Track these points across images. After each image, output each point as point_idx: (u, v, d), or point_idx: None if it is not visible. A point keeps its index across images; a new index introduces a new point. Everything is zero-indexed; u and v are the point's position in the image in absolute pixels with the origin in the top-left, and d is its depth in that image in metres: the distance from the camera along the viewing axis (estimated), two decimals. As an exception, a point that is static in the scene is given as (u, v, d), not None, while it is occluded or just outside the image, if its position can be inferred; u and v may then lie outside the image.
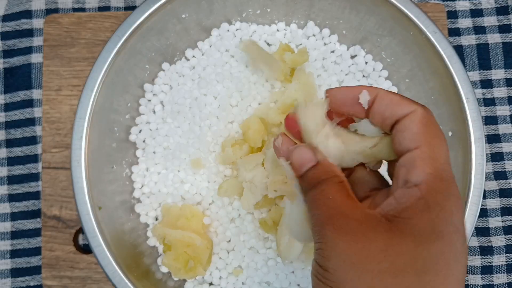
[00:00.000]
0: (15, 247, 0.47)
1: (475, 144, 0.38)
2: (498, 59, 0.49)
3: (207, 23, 0.45)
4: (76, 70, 0.47)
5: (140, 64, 0.44)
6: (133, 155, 0.45)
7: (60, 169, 0.46)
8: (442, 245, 0.21)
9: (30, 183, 0.47)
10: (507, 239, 0.46)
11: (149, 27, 0.41)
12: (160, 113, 0.45)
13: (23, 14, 0.49)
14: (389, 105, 0.24)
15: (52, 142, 0.46)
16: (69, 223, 0.45)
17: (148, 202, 0.44)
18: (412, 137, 0.23)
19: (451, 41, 0.49)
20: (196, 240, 0.40)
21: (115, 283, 0.38)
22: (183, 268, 0.40)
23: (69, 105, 0.47)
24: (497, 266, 0.46)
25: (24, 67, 0.48)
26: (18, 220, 0.47)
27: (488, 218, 0.47)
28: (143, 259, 0.43)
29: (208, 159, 0.44)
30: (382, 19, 0.42)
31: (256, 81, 0.45)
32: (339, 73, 0.46)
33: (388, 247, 0.21)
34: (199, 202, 0.44)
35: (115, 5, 0.50)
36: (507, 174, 0.47)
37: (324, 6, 0.44)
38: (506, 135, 0.48)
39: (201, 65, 0.46)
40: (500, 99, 0.49)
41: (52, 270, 0.45)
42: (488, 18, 0.49)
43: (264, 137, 0.42)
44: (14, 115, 0.48)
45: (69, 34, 0.47)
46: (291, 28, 0.47)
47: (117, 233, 0.41)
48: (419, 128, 0.23)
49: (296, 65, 0.43)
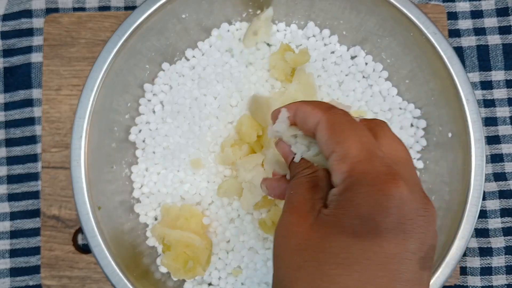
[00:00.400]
0: (14, 247, 0.47)
1: (474, 145, 0.38)
2: (498, 60, 0.49)
3: (207, 23, 0.45)
4: (76, 69, 0.47)
5: (140, 64, 0.44)
6: (133, 155, 0.45)
7: (60, 168, 0.46)
8: (345, 239, 0.22)
9: (29, 183, 0.47)
10: (507, 240, 0.46)
11: (149, 27, 0.41)
12: (160, 113, 0.45)
13: (23, 14, 0.49)
14: (304, 118, 0.26)
15: (51, 141, 0.46)
16: (68, 223, 0.45)
17: (148, 202, 0.44)
18: (325, 145, 0.24)
19: (451, 42, 0.49)
20: (196, 240, 0.40)
21: (114, 283, 0.38)
22: (182, 268, 0.40)
23: (69, 105, 0.47)
24: (496, 267, 0.46)
25: (24, 66, 0.48)
26: (18, 219, 0.47)
27: (488, 219, 0.47)
28: (142, 259, 0.43)
29: (208, 159, 0.44)
30: (382, 20, 0.42)
31: (256, 81, 0.45)
32: (339, 74, 0.46)
33: (312, 237, 0.23)
34: (198, 202, 0.44)
35: (115, 5, 0.50)
36: (506, 175, 0.47)
37: (324, 6, 0.44)
38: (505, 137, 0.48)
39: (201, 65, 0.46)
40: (500, 100, 0.49)
41: (51, 269, 0.45)
42: (488, 20, 0.49)
43: (258, 131, 0.42)
44: (13, 114, 0.48)
45: (69, 33, 0.47)
46: (291, 29, 0.47)
47: (117, 233, 0.41)
48: (327, 135, 0.24)
49: (297, 65, 0.43)
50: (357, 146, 0.23)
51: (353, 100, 0.45)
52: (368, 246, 0.21)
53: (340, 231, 0.22)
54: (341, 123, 0.24)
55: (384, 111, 0.45)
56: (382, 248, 0.21)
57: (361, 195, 0.22)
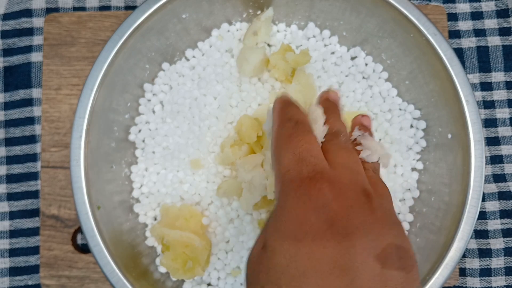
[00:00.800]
0: (14, 246, 0.47)
1: (474, 147, 0.38)
2: (498, 61, 0.49)
3: (208, 23, 0.45)
4: (76, 69, 0.47)
5: (140, 63, 0.44)
6: (132, 154, 0.45)
7: (59, 168, 0.46)
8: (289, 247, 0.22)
9: (29, 182, 0.47)
10: (506, 241, 0.46)
11: (149, 27, 0.41)
12: (159, 113, 0.45)
13: (23, 13, 0.49)
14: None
15: (51, 141, 0.46)
16: (67, 223, 0.45)
17: (147, 202, 0.44)
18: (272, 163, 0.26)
19: (451, 43, 0.49)
20: (195, 240, 0.40)
21: (113, 283, 0.38)
22: (182, 269, 0.40)
23: (68, 104, 0.47)
24: (495, 268, 0.46)
25: (24, 66, 0.48)
26: (17, 219, 0.47)
27: (487, 220, 0.47)
28: (141, 259, 0.43)
29: (207, 160, 0.44)
30: (382, 21, 0.42)
31: (256, 81, 0.45)
32: (339, 75, 0.46)
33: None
34: (198, 203, 0.44)
35: (116, 5, 0.50)
36: (506, 176, 0.47)
37: (324, 7, 0.44)
38: (505, 138, 0.48)
39: (201, 65, 0.46)
40: (500, 101, 0.49)
41: (50, 269, 0.45)
42: (488, 21, 0.49)
43: (258, 132, 0.42)
44: (13, 113, 0.48)
45: (69, 33, 0.47)
46: (292, 29, 0.47)
47: (116, 233, 0.41)
48: (272, 152, 0.26)
49: (298, 66, 0.43)
50: (289, 157, 0.24)
51: (353, 101, 0.45)
52: (312, 250, 0.21)
53: (283, 238, 0.22)
54: (281, 138, 0.26)
55: (384, 112, 0.45)
56: (325, 250, 0.21)
57: (289, 201, 0.22)
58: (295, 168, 0.23)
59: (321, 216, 0.21)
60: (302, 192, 0.22)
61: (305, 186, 0.22)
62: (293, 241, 0.21)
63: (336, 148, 0.26)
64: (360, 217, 0.22)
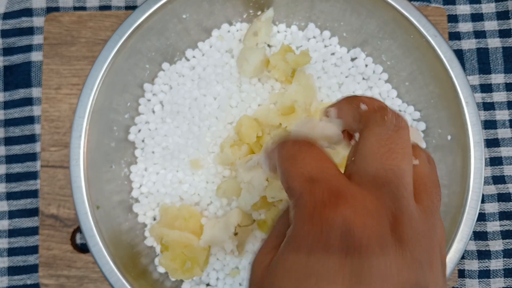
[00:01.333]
0: (13, 245, 0.47)
1: (474, 148, 0.38)
2: (498, 63, 0.49)
3: (208, 24, 0.45)
4: (76, 68, 0.47)
5: (140, 63, 0.44)
6: (132, 154, 0.45)
7: (59, 167, 0.46)
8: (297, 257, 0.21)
9: (28, 181, 0.47)
10: (505, 243, 0.46)
11: (150, 27, 0.41)
12: (159, 113, 0.45)
13: (23, 12, 0.49)
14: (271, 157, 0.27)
15: (51, 140, 0.46)
16: (66, 222, 0.45)
17: (146, 202, 0.44)
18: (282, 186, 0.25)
19: (451, 45, 0.49)
20: (194, 240, 0.40)
21: (112, 282, 0.38)
22: (180, 269, 0.40)
23: (68, 104, 0.47)
24: (494, 270, 0.46)
25: (24, 65, 0.48)
26: (16, 218, 0.47)
27: (486, 222, 0.47)
28: (140, 259, 0.43)
29: (207, 160, 0.44)
30: (382, 22, 0.42)
31: (256, 82, 0.45)
32: (339, 76, 0.46)
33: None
34: (197, 203, 0.44)
35: (116, 5, 0.50)
36: (505, 178, 0.47)
37: (325, 8, 0.44)
38: (505, 140, 0.48)
39: (201, 65, 0.46)
40: (500, 103, 0.49)
41: (49, 269, 0.44)
42: (488, 23, 0.49)
43: (258, 132, 0.42)
44: (13, 113, 0.48)
45: (70, 32, 0.47)
46: (292, 30, 0.47)
47: (115, 232, 0.41)
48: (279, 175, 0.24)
49: (299, 66, 0.43)
50: (298, 180, 0.22)
51: (353, 102, 0.45)
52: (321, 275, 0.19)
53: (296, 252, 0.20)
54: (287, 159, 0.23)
55: (384, 113, 0.45)
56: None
57: (303, 230, 0.20)
58: (306, 191, 0.21)
59: (336, 249, 0.20)
60: (316, 222, 0.20)
61: (318, 213, 0.20)
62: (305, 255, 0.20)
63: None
64: (385, 241, 0.20)
